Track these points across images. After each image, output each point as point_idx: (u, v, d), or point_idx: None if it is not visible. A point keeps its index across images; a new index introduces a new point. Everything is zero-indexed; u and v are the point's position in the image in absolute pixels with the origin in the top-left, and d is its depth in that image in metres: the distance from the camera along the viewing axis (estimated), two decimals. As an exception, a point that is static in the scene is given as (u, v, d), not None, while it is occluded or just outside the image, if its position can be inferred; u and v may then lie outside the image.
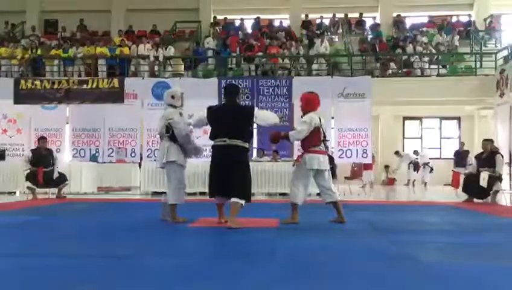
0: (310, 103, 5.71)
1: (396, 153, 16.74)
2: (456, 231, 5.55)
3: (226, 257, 3.77)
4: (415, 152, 16.52)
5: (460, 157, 14.75)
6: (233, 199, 5.19)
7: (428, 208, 8.53)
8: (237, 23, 19.12)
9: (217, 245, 4.46)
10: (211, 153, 5.51)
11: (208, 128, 5.64)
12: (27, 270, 3.22)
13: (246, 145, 5.33)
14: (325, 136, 5.74)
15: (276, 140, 5.88)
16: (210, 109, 5.53)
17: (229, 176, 5.19)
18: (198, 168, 11.33)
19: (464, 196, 9.66)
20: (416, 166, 16.12)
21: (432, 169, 15.96)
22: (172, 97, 5.95)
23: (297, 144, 12.00)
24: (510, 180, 12.58)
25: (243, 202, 5.23)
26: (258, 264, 3.49)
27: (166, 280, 2.97)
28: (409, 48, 16.11)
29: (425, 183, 15.80)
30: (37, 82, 14.74)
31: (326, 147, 5.84)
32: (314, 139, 5.58)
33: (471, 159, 14.25)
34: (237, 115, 5.37)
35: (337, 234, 5.06)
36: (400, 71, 15.47)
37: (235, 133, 5.25)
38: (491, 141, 9.81)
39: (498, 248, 4.33)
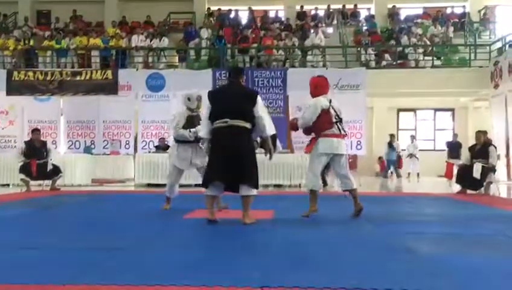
0: (318, 87, 5.55)
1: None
2: (450, 222, 5.57)
3: (221, 249, 3.77)
4: (412, 137, 16.36)
5: (453, 148, 14.80)
6: (244, 190, 4.80)
7: (422, 199, 8.57)
8: (231, 14, 19.02)
9: (212, 237, 4.46)
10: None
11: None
12: (23, 263, 3.21)
13: (248, 125, 4.84)
14: (339, 118, 5.44)
15: (296, 128, 5.73)
16: (211, 92, 5.20)
17: (236, 161, 4.74)
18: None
19: (458, 187, 9.71)
20: (398, 159, 16.03)
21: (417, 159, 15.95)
22: (188, 99, 6.02)
23: (294, 135, 12.02)
24: (507, 171, 12.68)
25: (254, 192, 4.88)
26: (254, 256, 3.50)
27: (163, 271, 2.97)
28: (404, 40, 16.11)
29: (418, 174, 15.85)
30: (30, 73, 14.65)
31: (342, 130, 5.47)
32: (324, 123, 5.35)
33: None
34: (239, 94, 4.98)
35: (332, 225, 5.07)
36: (394, 63, 15.48)
37: (236, 113, 4.82)
38: (485, 132, 9.85)
39: (491, 238, 4.36)
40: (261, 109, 4.90)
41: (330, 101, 5.45)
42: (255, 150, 5.02)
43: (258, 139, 5.69)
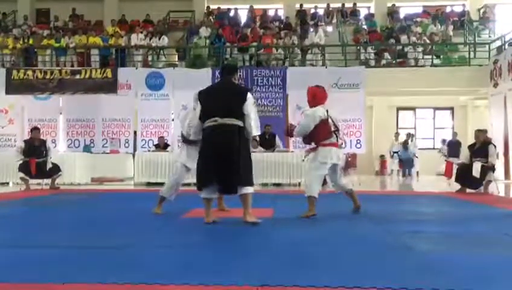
0: (316, 96, 5.65)
1: (396, 134, 16.60)
2: (450, 221, 5.58)
3: (221, 248, 3.77)
4: (409, 135, 16.39)
5: (453, 147, 14.83)
6: (242, 191, 4.71)
7: (421, 198, 8.57)
8: (231, 12, 19.02)
9: (211, 236, 4.46)
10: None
11: None
12: (23, 262, 3.21)
13: (240, 123, 4.71)
14: (337, 128, 5.65)
15: (292, 134, 5.85)
16: (200, 92, 5.06)
17: (228, 162, 4.61)
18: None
19: (457, 186, 9.71)
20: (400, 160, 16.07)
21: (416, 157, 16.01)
22: None
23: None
24: (505, 169, 12.69)
25: (251, 189, 4.77)
26: (253, 255, 3.50)
27: (162, 270, 2.97)
28: (403, 38, 16.11)
29: (417, 173, 15.86)
30: (29, 72, 14.63)
31: (340, 139, 5.72)
32: (324, 132, 5.51)
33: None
34: (230, 92, 4.87)
35: (332, 224, 5.07)
36: (394, 61, 15.48)
37: (226, 110, 4.69)
38: (484, 131, 9.85)
39: (490, 237, 4.37)
40: (250, 107, 4.75)
41: (327, 111, 5.58)
42: (248, 148, 4.87)
43: (257, 138, 5.59)
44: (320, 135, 5.51)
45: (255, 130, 4.82)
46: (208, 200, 4.90)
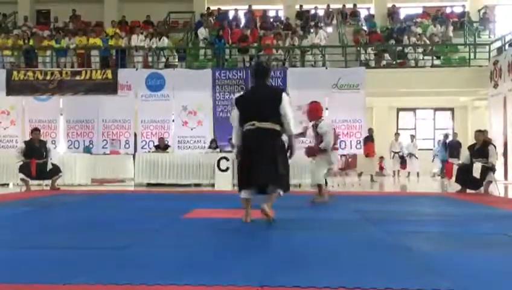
0: (316, 111, 6.99)
1: (397, 134, 16.62)
2: (450, 221, 5.58)
3: (221, 248, 3.77)
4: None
5: (453, 148, 14.83)
6: (271, 189, 4.78)
7: (421, 198, 8.57)
8: (231, 13, 19.04)
9: (212, 236, 4.46)
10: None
11: None
12: (23, 263, 3.21)
13: (277, 127, 4.81)
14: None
15: (314, 155, 7.02)
16: (237, 98, 5.17)
17: (264, 164, 4.70)
18: (190, 159, 11.36)
19: (457, 187, 9.71)
20: (402, 159, 16.07)
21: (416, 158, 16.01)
22: None
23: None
24: (504, 170, 12.69)
25: (281, 192, 4.86)
26: (254, 256, 3.50)
27: (162, 271, 2.97)
28: (404, 39, 16.12)
29: (418, 173, 15.86)
30: (30, 73, 14.64)
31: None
32: (334, 139, 7.05)
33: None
34: (265, 95, 4.92)
35: (331, 225, 5.07)
36: (394, 62, 15.48)
37: (264, 114, 4.79)
38: (484, 131, 9.85)
39: (491, 237, 4.37)
40: (286, 106, 4.83)
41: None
42: (284, 151, 4.95)
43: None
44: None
45: (293, 129, 4.95)
46: (246, 200, 4.97)
